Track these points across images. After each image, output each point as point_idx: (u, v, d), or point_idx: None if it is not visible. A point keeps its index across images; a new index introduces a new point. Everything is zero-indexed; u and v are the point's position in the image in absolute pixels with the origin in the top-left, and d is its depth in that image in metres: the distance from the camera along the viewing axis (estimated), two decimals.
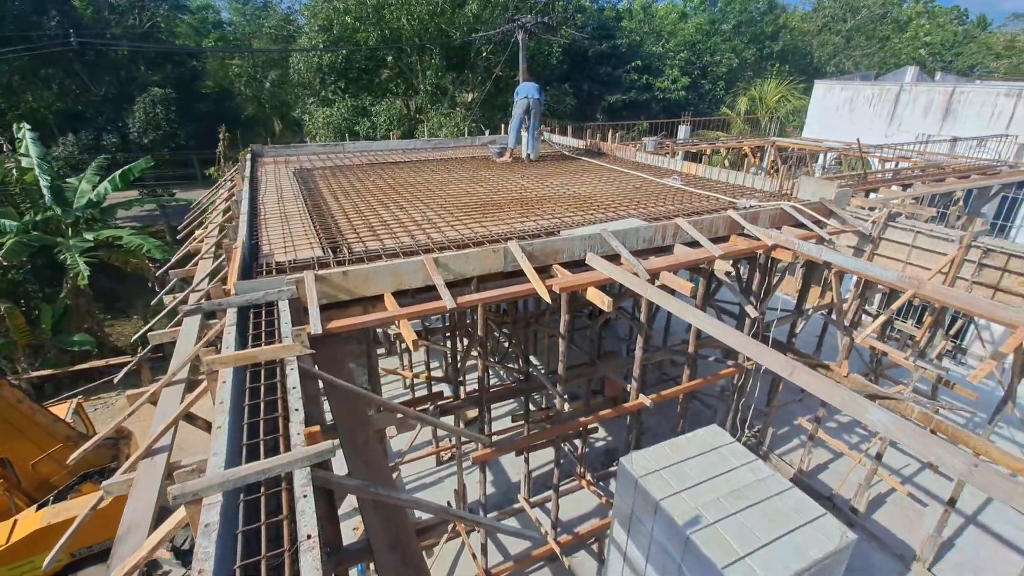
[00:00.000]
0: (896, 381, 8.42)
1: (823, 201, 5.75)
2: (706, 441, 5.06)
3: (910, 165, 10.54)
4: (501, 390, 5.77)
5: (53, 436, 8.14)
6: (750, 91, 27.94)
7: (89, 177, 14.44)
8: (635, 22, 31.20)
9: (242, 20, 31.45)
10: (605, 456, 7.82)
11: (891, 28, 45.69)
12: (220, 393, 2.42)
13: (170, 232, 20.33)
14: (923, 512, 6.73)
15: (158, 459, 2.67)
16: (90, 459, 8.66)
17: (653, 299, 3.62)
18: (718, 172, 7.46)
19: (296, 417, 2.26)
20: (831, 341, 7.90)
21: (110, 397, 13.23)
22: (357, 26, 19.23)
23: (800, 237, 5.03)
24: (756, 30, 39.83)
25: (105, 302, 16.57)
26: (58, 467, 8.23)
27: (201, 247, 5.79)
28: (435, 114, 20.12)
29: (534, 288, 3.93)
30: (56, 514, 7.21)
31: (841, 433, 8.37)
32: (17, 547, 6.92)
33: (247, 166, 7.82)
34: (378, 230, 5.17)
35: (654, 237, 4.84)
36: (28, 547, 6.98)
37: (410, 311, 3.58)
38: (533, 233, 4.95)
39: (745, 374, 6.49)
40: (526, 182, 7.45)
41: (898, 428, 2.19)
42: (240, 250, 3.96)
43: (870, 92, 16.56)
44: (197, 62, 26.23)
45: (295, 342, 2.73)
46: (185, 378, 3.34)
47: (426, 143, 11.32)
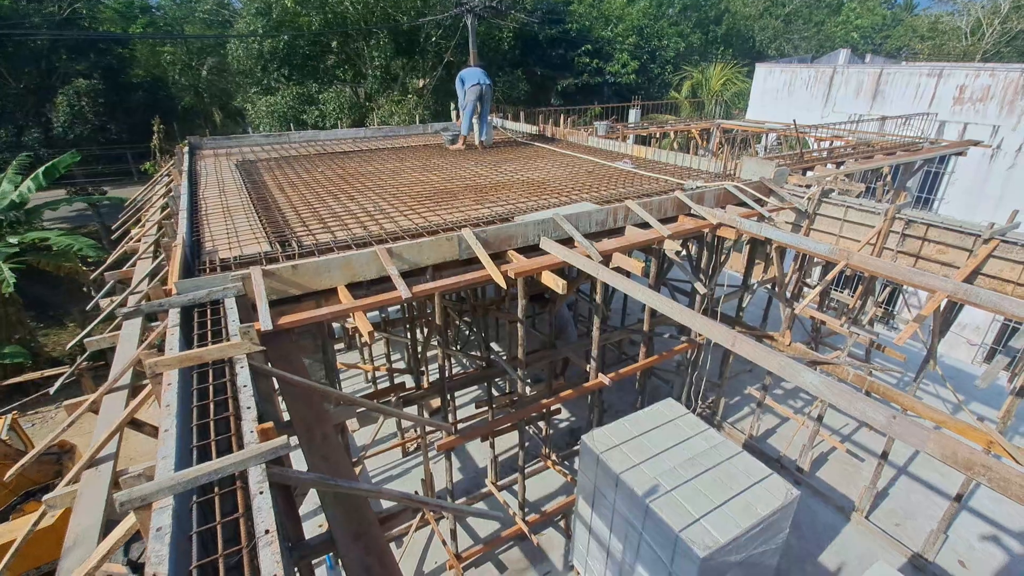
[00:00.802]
0: (834, 347, 9.01)
1: (763, 180, 6.03)
2: (662, 414, 5.28)
3: (843, 144, 11.15)
4: (463, 377, 5.80)
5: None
6: (695, 75, 28.67)
7: (10, 177, 13.35)
8: (584, 6, 31.28)
9: (172, 4, 29.53)
10: (569, 436, 8.01)
11: (826, 12, 47.78)
12: (166, 396, 2.34)
13: (104, 232, 19.12)
14: (860, 466, 7.27)
15: (103, 468, 2.56)
16: (32, 476, 8.18)
17: (606, 280, 3.72)
18: (666, 155, 7.67)
19: (248, 415, 2.22)
20: (776, 313, 8.33)
21: (48, 411, 12.48)
22: (298, 10, 18.41)
23: (743, 215, 5.27)
24: (701, 15, 40.74)
25: (37, 310, 15.51)
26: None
27: (139, 247, 5.49)
28: (386, 101, 19.64)
29: (489, 274, 3.96)
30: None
31: (787, 399, 8.89)
32: None
33: (184, 160, 7.43)
34: (329, 222, 5.05)
35: (606, 220, 4.95)
36: None
37: (364, 303, 3.54)
38: (487, 220, 4.96)
39: (698, 349, 6.77)
40: (480, 169, 7.43)
41: (828, 388, 2.37)
42: (180, 248, 3.79)
43: (807, 75, 17.31)
44: (125, 49, 24.51)
45: (244, 339, 2.66)
46: (128, 383, 3.20)
47: (377, 131, 11.07)
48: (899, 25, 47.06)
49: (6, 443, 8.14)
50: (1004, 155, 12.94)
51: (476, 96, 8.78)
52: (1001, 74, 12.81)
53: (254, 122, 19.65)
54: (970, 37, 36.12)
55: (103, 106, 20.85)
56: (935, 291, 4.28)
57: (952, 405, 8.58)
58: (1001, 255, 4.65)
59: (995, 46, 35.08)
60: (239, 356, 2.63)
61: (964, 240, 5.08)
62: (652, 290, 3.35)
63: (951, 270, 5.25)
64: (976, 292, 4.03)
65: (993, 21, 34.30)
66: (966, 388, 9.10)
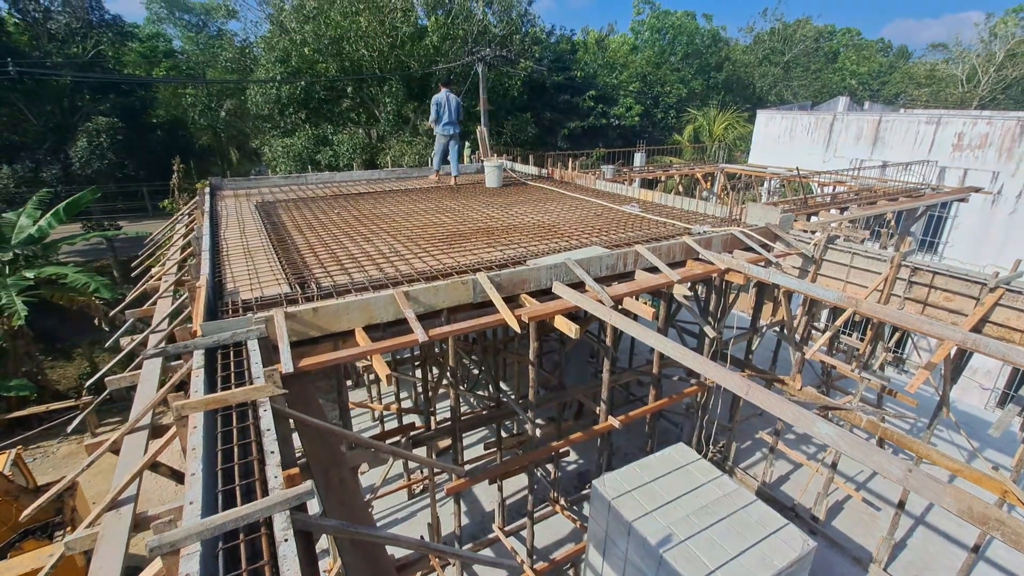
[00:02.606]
0: (846, 392, 8.93)
1: (769, 226, 6.16)
2: (674, 460, 5.22)
3: (846, 189, 11.39)
4: (473, 418, 5.79)
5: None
6: (697, 120, 29.56)
7: (29, 211, 13.73)
8: (590, 54, 32.62)
9: (195, 49, 30.99)
10: (578, 479, 7.88)
11: (823, 60, 49.53)
12: (191, 439, 2.38)
13: (117, 266, 19.44)
14: (877, 516, 7.09)
15: (124, 511, 2.57)
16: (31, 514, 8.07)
17: (617, 325, 3.79)
18: (673, 199, 7.86)
19: (272, 460, 2.25)
20: (785, 356, 8.32)
21: (51, 445, 12.40)
22: (316, 58, 19.31)
23: (750, 260, 5.37)
24: (702, 61, 42.32)
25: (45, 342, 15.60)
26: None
27: (159, 285, 5.63)
28: (397, 142, 20.28)
29: (504, 319, 4.04)
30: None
31: (799, 444, 8.75)
32: None
33: (206, 200, 7.68)
34: (345, 263, 5.18)
35: (616, 264, 5.06)
36: None
37: (382, 346, 3.61)
38: (500, 263, 5.09)
39: (707, 392, 6.75)
40: (491, 211, 7.62)
41: (843, 440, 2.39)
42: (204, 288, 3.90)
43: (807, 121, 17.83)
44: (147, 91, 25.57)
45: (267, 383, 2.73)
46: (148, 424, 3.24)
47: (390, 173, 11.41)
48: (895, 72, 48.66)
49: (8, 479, 8.07)
50: (1005, 200, 13.15)
51: (444, 144, 9.90)
52: (998, 122, 13.18)
53: (271, 163, 20.27)
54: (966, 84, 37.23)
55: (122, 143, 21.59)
56: (944, 339, 4.32)
57: (966, 452, 8.42)
58: (1007, 304, 4.70)
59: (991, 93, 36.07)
60: (263, 399, 2.68)
61: (970, 288, 5.14)
62: (662, 335, 3.41)
63: (959, 317, 5.29)
64: (984, 342, 4.07)
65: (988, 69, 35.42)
66: (979, 434, 8.94)
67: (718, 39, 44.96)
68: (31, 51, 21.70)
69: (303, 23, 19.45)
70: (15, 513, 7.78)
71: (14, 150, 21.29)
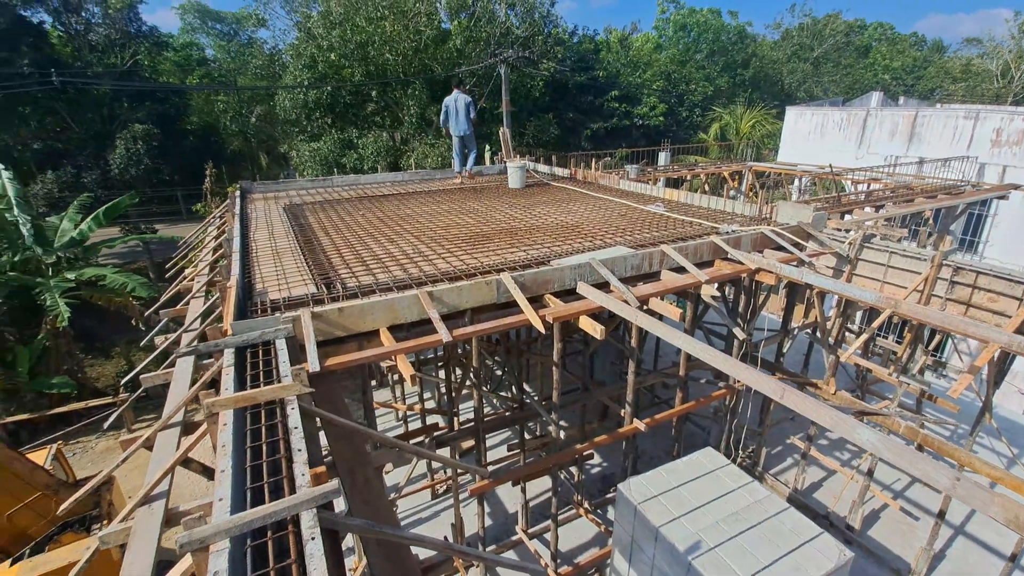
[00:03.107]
0: (881, 396, 8.60)
1: (801, 224, 5.97)
2: (702, 464, 5.10)
3: (881, 187, 10.99)
4: (496, 419, 5.77)
5: (31, 485, 7.85)
6: (723, 118, 28.98)
7: (71, 215, 14.31)
8: (612, 54, 32.34)
9: (226, 57, 31.90)
10: (602, 482, 7.78)
11: (854, 56, 48.09)
12: (221, 436, 2.42)
13: (153, 268, 20.09)
14: (915, 526, 6.79)
15: (156, 506, 2.63)
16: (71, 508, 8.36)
17: (643, 325, 3.71)
18: (699, 198, 7.71)
19: (299, 458, 2.27)
20: (817, 358, 8.06)
21: (90, 441, 12.84)
22: (342, 63, 19.64)
23: (781, 260, 5.21)
24: (728, 59, 41.56)
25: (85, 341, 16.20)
26: (36, 518, 7.91)
27: (192, 286, 5.78)
28: (420, 145, 20.46)
29: (528, 319, 4.00)
30: (34, 567, 6.89)
31: (832, 450, 8.46)
32: None
33: (237, 203, 7.86)
34: (370, 264, 5.23)
35: (641, 264, 4.97)
36: None
37: (407, 346, 3.62)
38: (524, 264, 5.06)
39: (736, 395, 6.58)
40: (514, 212, 7.60)
41: (885, 446, 2.28)
42: (234, 289, 3.98)
43: (839, 117, 17.29)
44: (181, 99, 26.42)
45: (295, 381, 2.75)
46: (181, 421, 3.31)
47: (414, 175, 11.51)
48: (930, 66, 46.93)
49: (49, 473, 8.37)
50: None
51: (458, 144, 10.34)
52: None
53: (298, 166, 20.70)
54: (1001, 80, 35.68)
55: (157, 149, 22.36)
56: (988, 342, 4.10)
57: (1005, 459, 8.01)
58: None
59: None
60: (290, 398, 2.71)
61: (1014, 288, 4.88)
62: (691, 337, 3.32)
63: (1003, 319, 5.03)
64: None
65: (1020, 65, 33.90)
66: (1018, 440, 8.51)
67: (744, 35, 44.09)
68: (73, 62, 22.66)
69: (330, 29, 19.81)
70: (55, 507, 8.07)
71: (57, 156, 22.26)
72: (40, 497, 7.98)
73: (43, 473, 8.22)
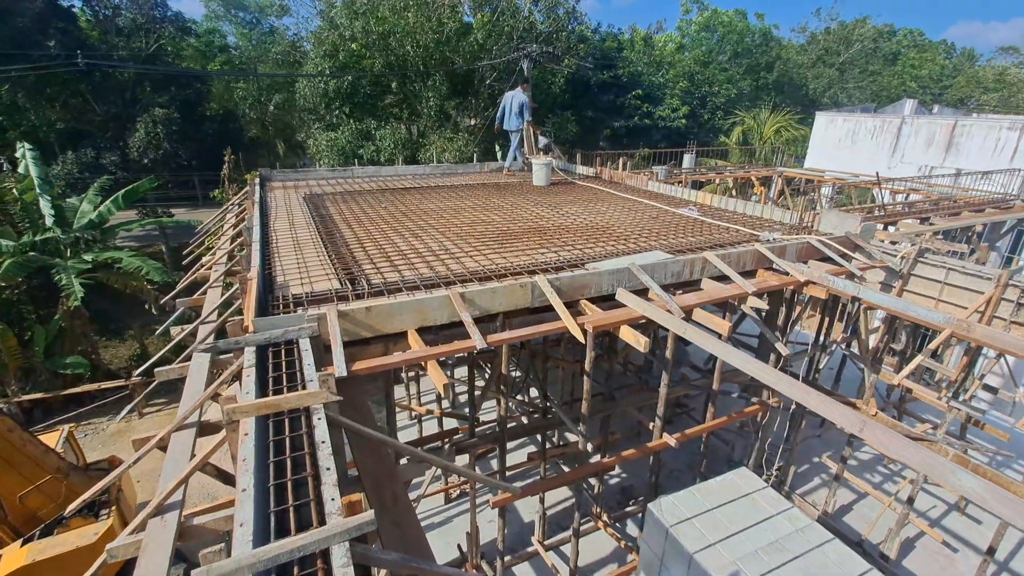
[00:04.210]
0: (917, 417, 8.23)
1: (849, 235, 5.64)
2: (737, 485, 4.82)
3: (922, 198, 10.54)
4: (519, 427, 5.52)
5: (43, 467, 7.77)
6: (746, 121, 28.38)
7: (90, 197, 14.28)
8: (635, 52, 31.83)
9: (248, 45, 31.89)
10: (621, 494, 7.51)
11: (882, 62, 47.02)
12: (243, 448, 2.19)
13: (169, 253, 20.11)
14: (954, 558, 6.45)
15: (168, 518, 2.41)
16: (79, 491, 8.26)
17: (693, 340, 3.44)
18: (735, 202, 7.38)
19: (328, 478, 2.04)
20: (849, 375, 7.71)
21: (101, 422, 12.81)
22: (363, 53, 19.44)
23: (829, 272, 4.89)
24: (752, 61, 40.80)
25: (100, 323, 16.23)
26: (47, 500, 7.84)
27: (209, 275, 5.59)
28: (438, 139, 20.23)
29: (565, 326, 3.74)
30: (43, 550, 6.82)
31: (863, 471, 8.11)
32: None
33: (256, 190, 7.68)
34: (395, 259, 5.00)
35: (682, 271, 4.69)
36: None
37: (438, 351, 3.38)
38: (556, 265, 4.80)
39: (768, 410, 6.27)
40: (540, 211, 7.34)
41: (994, 498, 1.99)
42: (255, 281, 3.77)
43: (872, 124, 16.77)
44: (202, 84, 26.43)
45: (322, 388, 2.52)
46: (196, 422, 3.10)
47: (435, 169, 11.27)
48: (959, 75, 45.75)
49: (60, 456, 8.30)
50: None
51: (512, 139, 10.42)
52: None
53: (315, 155, 20.58)
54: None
55: (176, 134, 22.36)
56: None
57: None
58: None
59: None
60: (317, 406, 2.48)
61: None
62: (752, 357, 3.04)
63: None
64: None
65: None
66: None
67: (769, 38, 43.25)
68: (100, 45, 22.74)
69: (353, 19, 19.61)
70: (64, 491, 7.99)
71: (79, 137, 22.37)
72: (51, 480, 7.91)
73: (54, 456, 8.14)
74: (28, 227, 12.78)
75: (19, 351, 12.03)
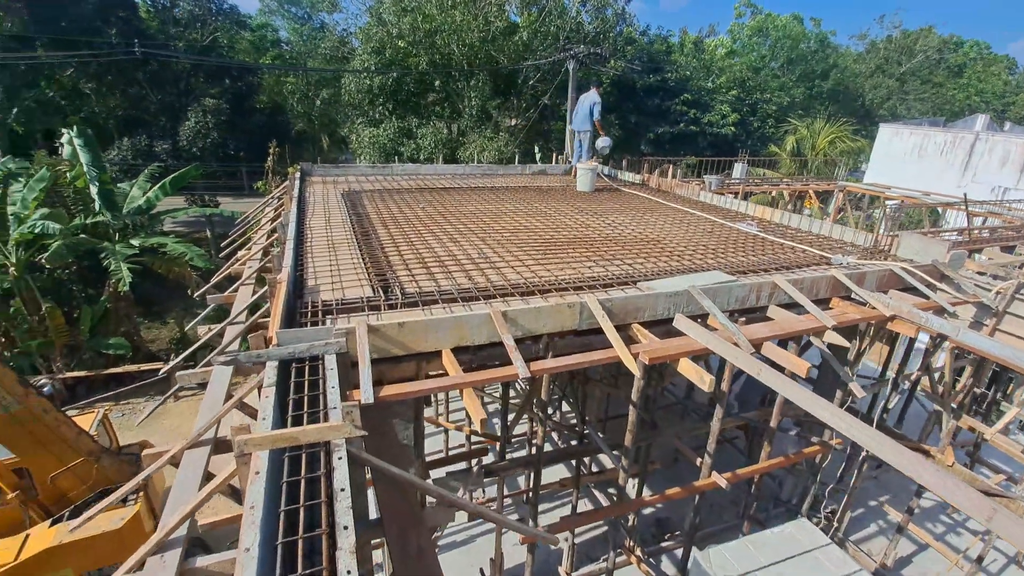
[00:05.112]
0: (992, 466, 7.42)
1: (936, 263, 5.02)
2: (795, 540, 4.30)
3: (1002, 223, 9.59)
4: (553, 452, 5.14)
5: (75, 449, 7.86)
6: (799, 130, 27.06)
7: (140, 183, 14.66)
8: (685, 57, 30.88)
9: (299, 40, 32.55)
10: (656, 526, 7.02)
11: (946, 74, 44.34)
12: (251, 491, 1.90)
13: (213, 242, 20.61)
14: None
15: (168, 557, 2.16)
16: (110, 475, 8.35)
17: (769, 383, 2.98)
18: (800, 219, 6.78)
19: (345, 541, 1.71)
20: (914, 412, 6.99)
21: (139, 403, 13.10)
22: (409, 50, 19.42)
23: (918, 306, 4.31)
24: (806, 68, 39.08)
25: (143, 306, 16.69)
26: (78, 482, 7.93)
27: (243, 271, 5.45)
28: (478, 138, 20.02)
29: (618, 355, 3.34)
30: (70, 531, 6.86)
31: (924, 520, 7.36)
32: (27, 565, 6.55)
33: (296, 185, 7.56)
34: (431, 265, 4.70)
35: (747, 296, 4.21)
36: (38, 565, 6.60)
37: (477, 379, 3.04)
38: (604, 282, 4.39)
39: (827, 452, 5.69)
40: (586, 219, 6.93)
41: None
42: (285, 284, 3.53)
43: (941, 139, 15.59)
44: (253, 77, 27.08)
45: (345, 421, 2.22)
46: (212, 439, 2.87)
47: (475, 169, 11.00)
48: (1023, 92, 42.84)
49: (94, 439, 8.40)
50: None
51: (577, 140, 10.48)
52: None
53: (356, 151, 20.71)
54: None
55: (225, 124, 22.94)
56: None
57: None
58: None
59: None
60: (338, 441, 2.17)
61: None
62: (847, 413, 2.57)
63: None
64: None
65: None
66: None
67: (826, 45, 41.35)
68: (158, 35, 23.56)
69: (400, 16, 19.62)
70: (95, 474, 8.08)
71: (135, 125, 23.22)
72: (83, 462, 8.00)
73: (88, 439, 8.24)
74: (81, 210, 13.19)
75: (66, 329, 12.40)
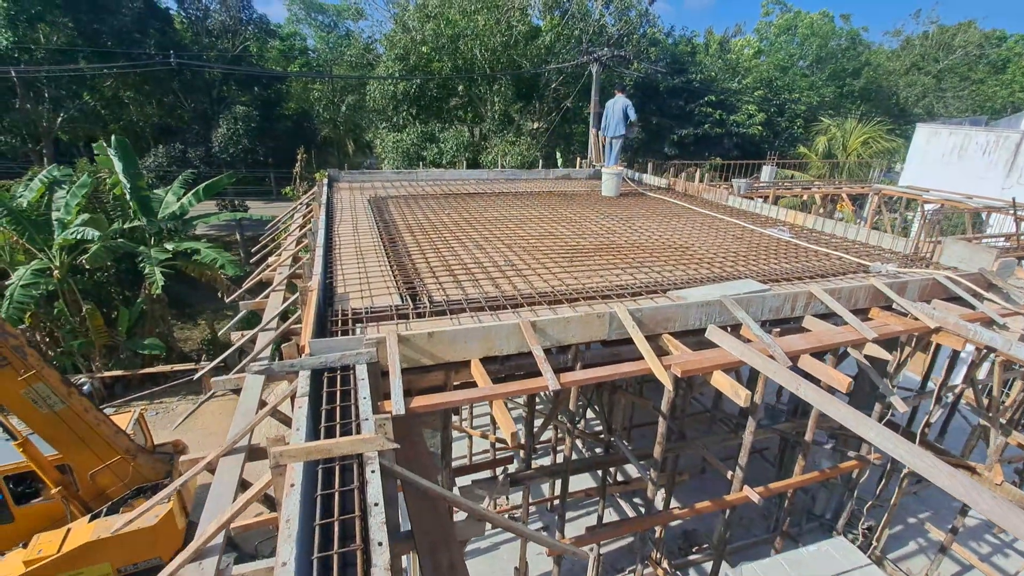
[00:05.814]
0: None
1: (983, 271, 4.79)
2: (833, 560, 4.15)
3: None
4: (579, 462, 5.08)
5: (113, 448, 8.13)
6: (831, 130, 26.30)
7: (175, 189, 15.13)
8: (710, 57, 30.40)
9: (325, 48, 33.24)
10: (683, 538, 6.87)
11: (987, 70, 42.52)
12: (287, 504, 1.92)
13: (243, 244, 21.14)
14: None
15: (207, 564, 2.19)
16: (145, 473, 8.61)
17: (808, 399, 2.88)
18: (835, 225, 6.57)
19: (380, 558, 1.71)
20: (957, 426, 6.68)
21: (172, 402, 13.49)
22: (433, 56, 19.61)
23: (965, 318, 4.12)
24: (836, 66, 38.02)
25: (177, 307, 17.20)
26: (115, 479, 8.19)
27: (273, 277, 5.55)
28: (500, 142, 20.07)
29: (649, 367, 3.27)
30: (108, 526, 7.11)
31: (968, 539, 7.04)
32: (69, 557, 6.82)
33: (324, 191, 7.68)
34: (458, 273, 4.71)
35: (782, 306, 4.08)
36: (78, 559, 6.87)
37: (507, 391, 3.01)
38: (633, 290, 4.32)
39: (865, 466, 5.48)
40: (612, 224, 6.85)
41: None
42: (315, 292, 3.57)
43: (984, 139, 14.94)
44: (282, 85, 27.76)
45: (378, 433, 2.22)
46: (246, 446, 2.91)
47: (499, 174, 11.02)
48: None
49: (130, 438, 8.67)
50: None
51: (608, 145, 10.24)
52: None
53: (380, 155, 20.98)
54: None
55: (255, 131, 23.57)
56: None
57: None
58: None
59: None
60: (371, 454, 2.18)
61: None
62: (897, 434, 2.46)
63: None
64: None
65: None
66: None
67: (857, 42, 40.15)
68: (191, 46, 24.36)
69: (424, 22, 19.83)
70: (131, 471, 8.33)
71: (169, 133, 24.02)
72: (120, 460, 8.26)
73: (125, 437, 8.51)
74: (119, 215, 13.69)
75: (105, 330, 12.86)
